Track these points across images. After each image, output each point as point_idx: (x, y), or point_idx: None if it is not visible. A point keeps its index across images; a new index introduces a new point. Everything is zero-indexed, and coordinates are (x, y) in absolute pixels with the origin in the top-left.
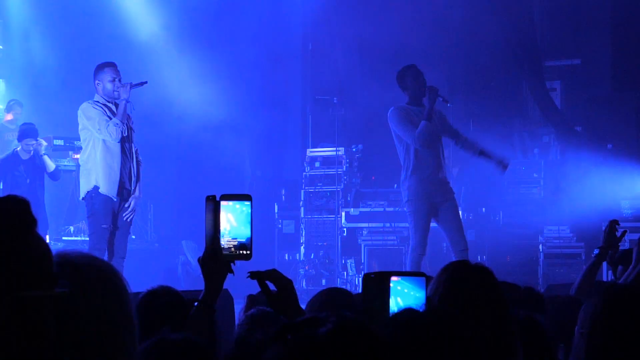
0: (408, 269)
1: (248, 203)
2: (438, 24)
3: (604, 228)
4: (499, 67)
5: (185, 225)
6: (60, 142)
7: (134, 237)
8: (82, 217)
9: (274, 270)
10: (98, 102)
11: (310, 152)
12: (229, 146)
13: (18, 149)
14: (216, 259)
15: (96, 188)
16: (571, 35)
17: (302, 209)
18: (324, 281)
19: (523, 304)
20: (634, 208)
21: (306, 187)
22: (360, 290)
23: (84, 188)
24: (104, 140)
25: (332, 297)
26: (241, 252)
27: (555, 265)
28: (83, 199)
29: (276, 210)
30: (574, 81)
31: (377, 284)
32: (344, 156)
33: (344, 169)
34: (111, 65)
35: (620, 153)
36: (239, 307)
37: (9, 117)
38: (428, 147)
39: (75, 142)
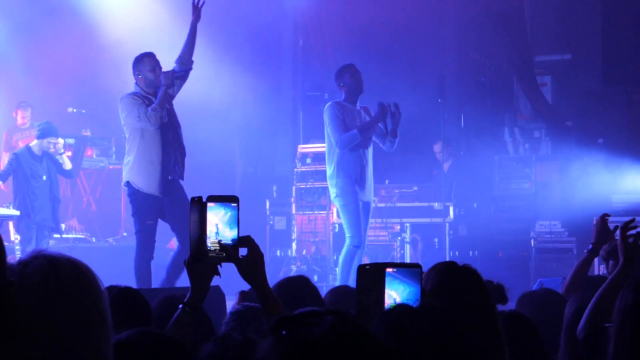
0: (341, 262)
1: (235, 205)
2: (429, 20)
3: (594, 223)
4: (490, 62)
5: None
6: None
7: (125, 234)
8: (73, 215)
9: (249, 237)
10: (138, 93)
11: (302, 148)
12: (220, 143)
13: (32, 144)
14: (202, 262)
15: (134, 185)
16: (562, 30)
17: (293, 205)
18: (316, 277)
19: None
20: (625, 203)
21: (297, 184)
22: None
23: (124, 182)
24: (142, 134)
25: (287, 291)
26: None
27: (547, 260)
28: (127, 194)
29: (267, 207)
30: (564, 76)
31: (372, 276)
32: None
33: None
34: (149, 55)
35: (611, 148)
36: (230, 303)
37: (20, 119)
38: (351, 150)
39: (66, 140)
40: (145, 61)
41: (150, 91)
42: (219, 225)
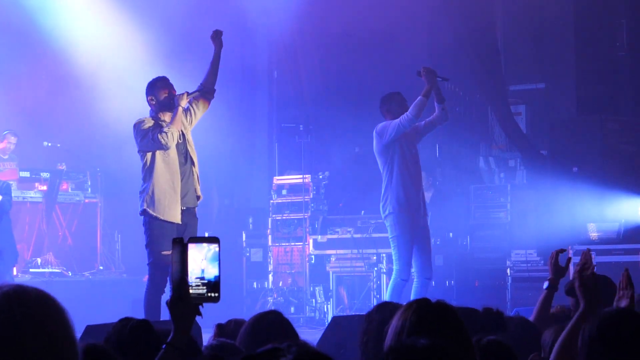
0: (388, 296)
1: (216, 245)
2: (402, 53)
3: (549, 258)
4: (464, 92)
5: None
6: (26, 174)
7: (101, 267)
8: (48, 249)
9: None
10: (152, 117)
11: (277, 179)
12: None
13: None
14: (184, 303)
15: (152, 212)
16: (535, 59)
17: (269, 236)
18: (292, 309)
19: (484, 326)
20: (600, 231)
21: (273, 215)
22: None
23: (140, 210)
24: (158, 159)
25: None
26: (209, 294)
27: (524, 289)
28: (143, 223)
29: (244, 239)
30: (538, 105)
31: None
32: (311, 183)
33: (311, 196)
34: (162, 78)
35: (586, 176)
36: (207, 336)
37: (2, 146)
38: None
39: (42, 174)
40: (158, 85)
41: (164, 116)
42: (201, 267)
